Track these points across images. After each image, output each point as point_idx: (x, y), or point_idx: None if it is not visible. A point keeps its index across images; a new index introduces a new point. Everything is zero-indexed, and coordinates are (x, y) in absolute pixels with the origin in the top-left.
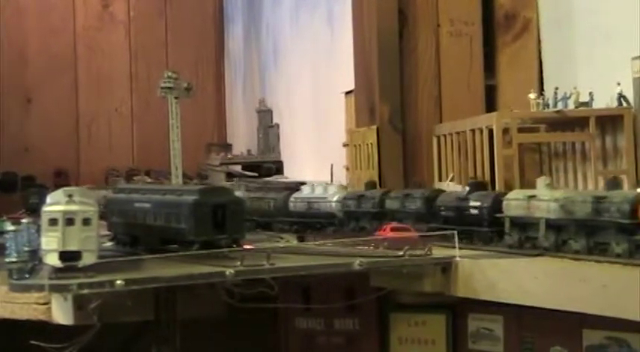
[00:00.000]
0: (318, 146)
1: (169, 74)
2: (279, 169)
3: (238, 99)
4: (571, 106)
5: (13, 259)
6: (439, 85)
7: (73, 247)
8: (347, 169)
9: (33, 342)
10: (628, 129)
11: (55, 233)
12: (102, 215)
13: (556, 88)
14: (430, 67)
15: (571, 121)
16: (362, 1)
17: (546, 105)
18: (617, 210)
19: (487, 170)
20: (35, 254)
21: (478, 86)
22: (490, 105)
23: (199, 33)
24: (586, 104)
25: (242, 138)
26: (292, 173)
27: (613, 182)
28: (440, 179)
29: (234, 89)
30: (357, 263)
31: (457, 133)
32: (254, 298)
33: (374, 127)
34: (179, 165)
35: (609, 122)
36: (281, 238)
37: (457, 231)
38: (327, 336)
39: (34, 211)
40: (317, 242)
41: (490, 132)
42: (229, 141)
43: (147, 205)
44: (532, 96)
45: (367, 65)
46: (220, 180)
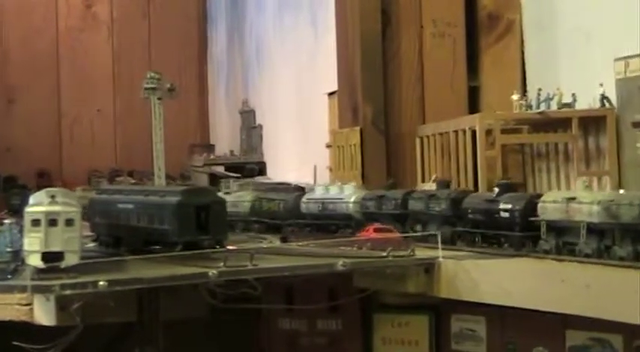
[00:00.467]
0: (301, 147)
1: (152, 75)
2: (262, 170)
3: (221, 100)
4: (554, 107)
5: None
6: (422, 86)
7: (56, 248)
8: (330, 170)
9: (15, 343)
10: (610, 130)
11: (38, 234)
12: (85, 216)
13: (539, 89)
14: (413, 68)
15: (554, 122)
16: (345, 3)
17: (529, 106)
18: None
19: (470, 171)
20: (18, 254)
21: (461, 87)
22: (473, 106)
23: (182, 34)
24: (569, 105)
25: (225, 139)
26: (275, 174)
27: None
28: (423, 180)
29: (217, 90)
30: (341, 263)
31: (440, 134)
32: (237, 299)
33: (357, 128)
34: (162, 165)
35: (592, 123)
36: (264, 239)
37: (487, 236)
38: (310, 337)
39: (17, 212)
40: (300, 243)
41: (473, 133)
42: (212, 141)
43: (130, 206)
44: (515, 97)
45: (350, 66)
46: (203, 181)
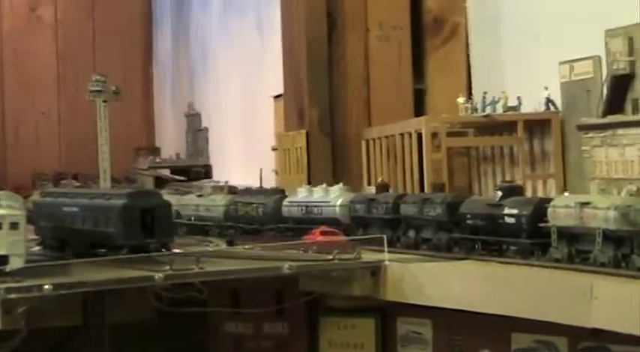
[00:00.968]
0: (247, 150)
1: (97, 78)
2: (207, 173)
3: (167, 102)
4: (499, 110)
5: None
6: (368, 89)
7: (1, 251)
8: (276, 173)
9: None
10: (556, 133)
11: None
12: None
13: (484, 93)
14: (359, 71)
15: (499, 125)
16: (291, 6)
17: (475, 109)
18: None
19: (416, 174)
20: None
21: (407, 90)
22: (419, 109)
23: (127, 36)
24: (514, 108)
25: (171, 141)
26: (221, 177)
27: None
28: (369, 183)
29: (162, 92)
30: (287, 266)
31: (386, 137)
32: (183, 302)
33: (303, 131)
34: (107, 168)
35: (537, 126)
36: (210, 242)
37: (488, 243)
38: (257, 340)
39: None
40: (246, 246)
41: (419, 136)
42: (158, 144)
43: (75, 209)
44: (461, 100)
45: (296, 69)
46: (149, 184)
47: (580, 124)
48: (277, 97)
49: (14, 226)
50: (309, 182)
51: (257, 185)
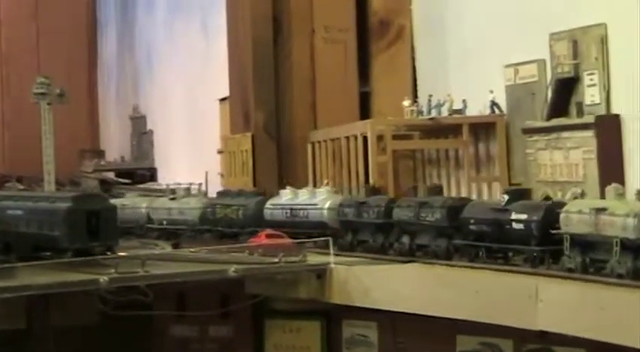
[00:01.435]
0: (192, 153)
1: (42, 80)
2: (153, 176)
3: (112, 105)
4: (445, 113)
5: None
6: (314, 92)
7: None
8: (222, 176)
9: None
10: (501, 136)
11: None
12: None
13: (430, 95)
14: (305, 74)
15: (445, 128)
16: (236, 9)
17: (420, 112)
18: None
19: (362, 176)
20: None
21: (353, 93)
22: (364, 112)
23: (72, 38)
24: (459, 111)
25: (115, 144)
26: (166, 180)
27: None
28: (314, 185)
29: (107, 95)
30: (232, 269)
31: (332, 140)
32: (129, 305)
33: (249, 134)
34: (52, 171)
35: (482, 129)
36: (156, 245)
37: (493, 250)
38: (202, 343)
39: None
40: (192, 249)
41: (364, 139)
42: (103, 147)
43: (19, 212)
44: (406, 103)
45: (242, 72)
46: (94, 187)
47: (525, 127)
48: (223, 100)
49: None
50: (254, 185)
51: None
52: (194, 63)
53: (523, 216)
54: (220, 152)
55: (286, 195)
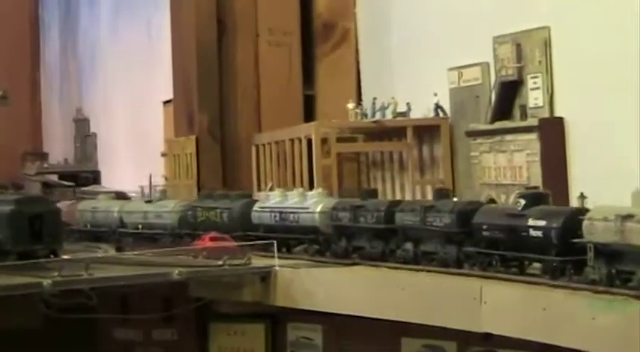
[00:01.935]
0: (136, 156)
1: None
2: (96, 179)
3: (55, 107)
4: (389, 116)
5: None
6: (258, 95)
7: None
8: (165, 179)
9: None
10: (445, 138)
11: None
12: None
13: (374, 98)
14: (249, 77)
15: (389, 131)
16: (180, 11)
17: (364, 115)
18: None
19: (306, 179)
20: None
21: (297, 96)
22: (309, 114)
23: (13, 39)
24: (403, 114)
25: (59, 147)
26: (110, 182)
27: None
28: (259, 188)
29: (50, 97)
30: (176, 273)
31: (276, 143)
32: (72, 309)
33: (193, 137)
34: None
35: (426, 132)
36: (99, 248)
37: (508, 259)
38: (146, 347)
39: None
40: (136, 252)
41: (309, 141)
42: (46, 150)
43: None
44: (350, 106)
45: (186, 75)
46: (36, 190)
47: (469, 130)
48: (167, 103)
49: None
50: (198, 188)
51: (147, 190)
52: (138, 65)
53: (541, 223)
54: (164, 155)
55: (275, 198)
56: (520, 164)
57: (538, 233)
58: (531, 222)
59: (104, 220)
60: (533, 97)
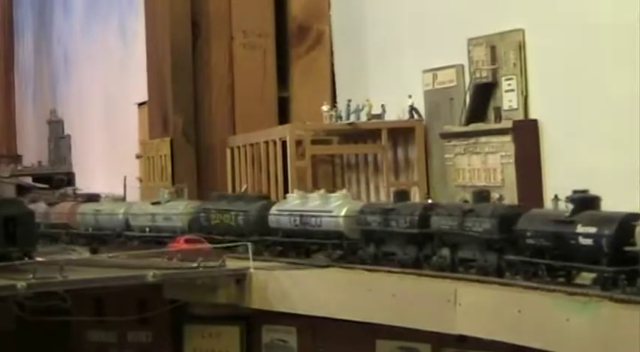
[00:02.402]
0: (110, 157)
1: None
2: (70, 181)
3: (28, 109)
4: (363, 118)
5: None
6: (232, 97)
7: None
8: (140, 181)
9: None
10: (419, 141)
11: None
12: None
13: (349, 100)
14: (223, 79)
15: (363, 133)
16: (155, 13)
17: (339, 117)
18: None
19: (281, 181)
20: None
21: (271, 98)
22: (283, 117)
23: None
24: (378, 116)
25: (32, 149)
26: (84, 184)
27: None
28: (233, 190)
29: (24, 99)
30: (151, 275)
31: (251, 145)
32: (47, 311)
33: (167, 139)
34: None
35: (401, 134)
36: (74, 250)
37: (554, 268)
38: (120, 349)
39: None
40: (110, 254)
41: (283, 143)
42: (19, 152)
43: None
44: (325, 108)
45: (160, 77)
46: (10, 192)
47: (443, 132)
48: (142, 105)
49: None
50: None
51: (121, 193)
52: (112, 66)
53: (592, 230)
54: (139, 157)
55: (294, 200)
56: (494, 166)
57: (588, 241)
58: (580, 229)
59: (108, 223)
60: (507, 99)
